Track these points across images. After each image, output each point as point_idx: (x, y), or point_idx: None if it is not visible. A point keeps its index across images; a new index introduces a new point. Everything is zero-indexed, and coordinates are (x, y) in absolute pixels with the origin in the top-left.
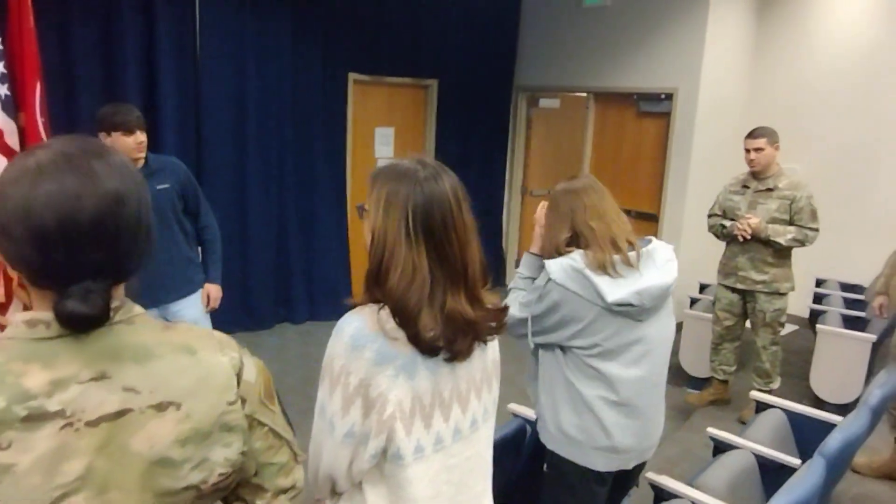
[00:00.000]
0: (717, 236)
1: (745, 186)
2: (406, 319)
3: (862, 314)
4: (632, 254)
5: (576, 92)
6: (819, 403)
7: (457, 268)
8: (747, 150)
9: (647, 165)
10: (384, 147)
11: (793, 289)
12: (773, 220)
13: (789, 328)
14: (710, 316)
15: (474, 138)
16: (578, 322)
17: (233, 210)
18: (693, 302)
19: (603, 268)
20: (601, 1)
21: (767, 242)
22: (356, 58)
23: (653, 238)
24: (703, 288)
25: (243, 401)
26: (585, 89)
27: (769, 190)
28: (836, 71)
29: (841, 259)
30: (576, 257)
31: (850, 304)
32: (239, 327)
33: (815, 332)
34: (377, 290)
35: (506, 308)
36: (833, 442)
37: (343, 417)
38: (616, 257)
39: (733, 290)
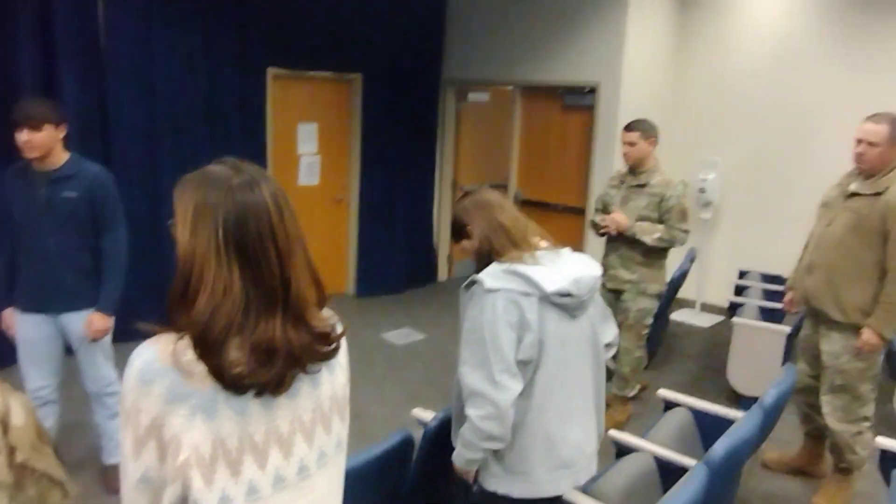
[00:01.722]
0: (595, 231)
1: (622, 181)
2: (209, 350)
3: (780, 306)
4: (548, 248)
5: (503, 85)
6: (736, 397)
7: (275, 287)
8: (623, 143)
9: (574, 160)
10: (307, 143)
11: (661, 290)
12: (642, 218)
13: (714, 319)
14: None
15: (402, 133)
16: (531, 324)
17: (144, 219)
18: None
19: (528, 261)
20: None
21: (636, 241)
22: (275, 52)
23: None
24: None
25: (12, 451)
26: (512, 83)
27: (640, 186)
28: (755, 66)
29: (763, 250)
30: (496, 264)
31: (769, 295)
32: None
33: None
34: (182, 315)
35: (338, 329)
36: (719, 448)
37: (135, 460)
38: (538, 252)
39: (607, 289)
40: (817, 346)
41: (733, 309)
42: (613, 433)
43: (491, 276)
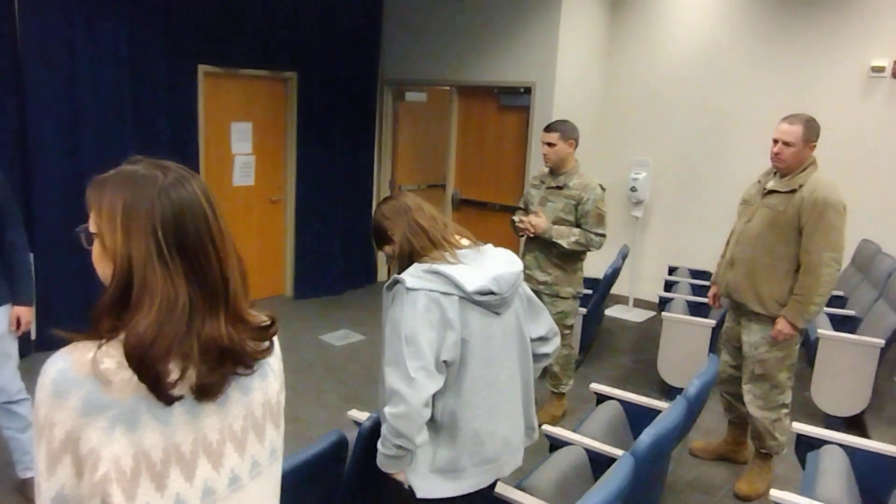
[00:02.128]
0: (514, 232)
1: (542, 182)
2: (151, 361)
3: (706, 300)
4: (470, 246)
5: (440, 85)
6: (667, 388)
7: (217, 286)
8: (542, 144)
9: (510, 159)
10: (242, 143)
11: (576, 292)
12: (559, 221)
13: (646, 314)
14: None
15: (339, 132)
16: (453, 323)
17: (66, 224)
18: None
19: (450, 260)
20: None
21: (553, 243)
22: (207, 49)
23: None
24: None
25: None
26: (449, 83)
27: (559, 188)
28: (682, 69)
29: (692, 247)
30: (417, 265)
31: (697, 290)
32: None
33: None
34: (109, 321)
35: (274, 323)
36: (644, 438)
37: (49, 478)
38: (458, 251)
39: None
40: (739, 338)
41: (663, 304)
42: (547, 428)
43: (412, 275)
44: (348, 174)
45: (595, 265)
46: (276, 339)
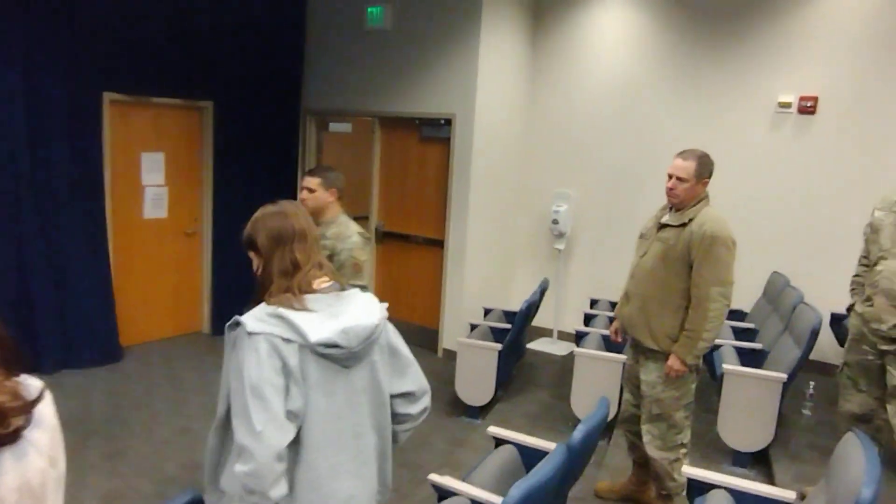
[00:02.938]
0: None
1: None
2: None
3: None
4: (329, 290)
5: (362, 116)
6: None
7: None
8: (300, 188)
9: (432, 191)
10: (153, 174)
11: None
12: None
13: (569, 347)
14: (487, 344)
15: (260, 163)
16: (293, 372)
17: None
18: (473, 327)
19: (296, 306)
20: (381, 24)
21: None
22: (113, 76)
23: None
24: (486, 313)
25: None
26: (372, 114)
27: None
28: (601, 102)
29: (613, 279)
30: (263, 306)
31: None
32: None
33: None
34: None
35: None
36: (514, 492)
37: None
38: (311, 296)
39: None
40: (638, 376)
41: (580, 338)
42: (433, 477)
43: (255, 317)
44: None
45: (518, 299)
46: (48, 409)
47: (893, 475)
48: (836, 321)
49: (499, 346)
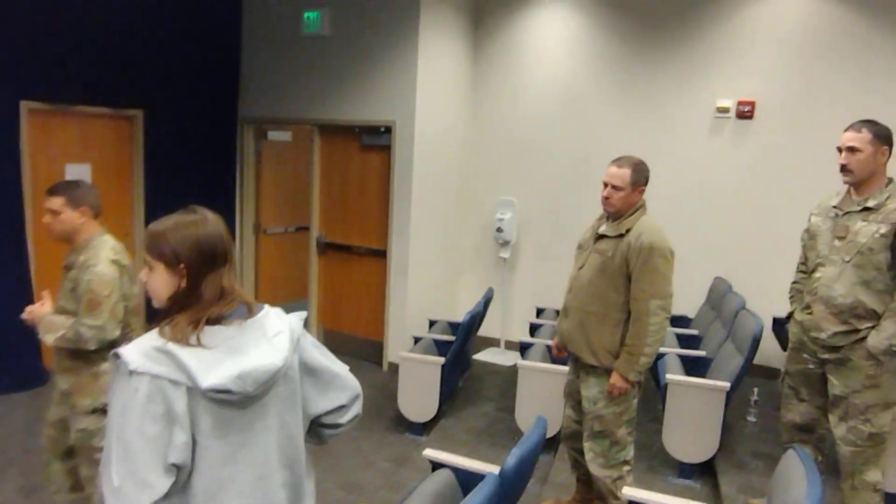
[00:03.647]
0: None
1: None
2: None
3: None
4: (232, 319)
5: (301, 124)
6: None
7: None
8: None
9: (374, 201)
10: None
11: (98, 404)
12: (61, 309)
13: (517, 357)
14: (429, 358)
15: (195, 174)
16: (179, 419)
17: None
18: (416, 340)
19: (191, 341)
20: (319, 29)
21: None
22: (31, 83)
23: (266, 305)
24: (431, 324)
25: None
26: (311, 121)
27: (66, 268)
28: (543, 108)
29: (559, 287)
30: (153, 335)
31: None
32: None
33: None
34: None
35: None
36: None
37: None
38: (212, 327)
39: None
40: (579, 391)
41: (525, 349)
42: None
43: (139, 352)
44: None
45: (464, 309)
46: None
47: (835, 483)
48: (778, 325)
49: (442, 360)
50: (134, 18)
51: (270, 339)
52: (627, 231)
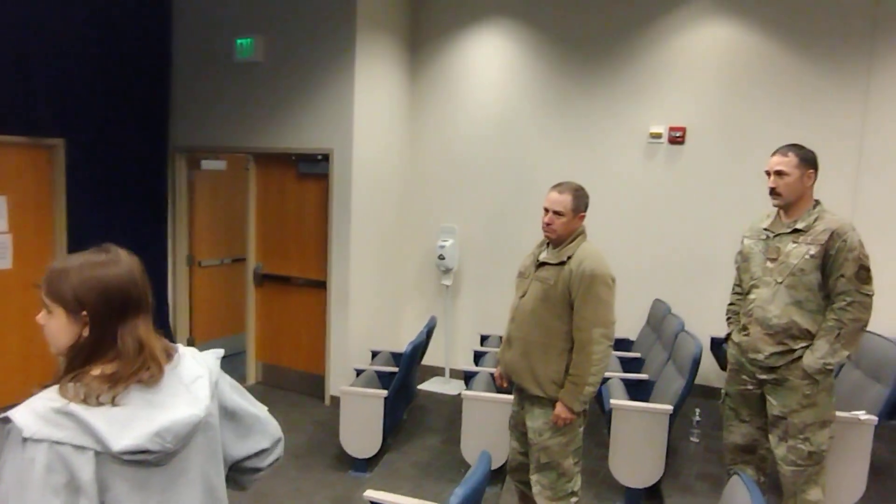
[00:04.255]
0: None
1: None
2: None
3: None
4: (150, 379)
5: (237, 152)
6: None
7: None
8: None
9: (313, 230)
10: None
11: None
12: None
13: (462, 386)
14: (372, 391)
15: (123, 205)
16: (86, 489)
17: None
18: (358, 373)
19: (101, 399)
20: (252, 56)
21: None
22: None
23: (180, 346)
24: (374, 355)
25: None
26: (246, 150)
27: None
28: (481, 135)
29: (503, 313)
30: (51, 394)
31: None
32: None
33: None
34: None
35: None
36: None
37: None
38: (126, 386)
39: None
40: (524, 423)
41: (469, 378)
42: None
43: (35, 416)
44: (138, 251)
45: (408, 338)
46: None
47: (778, 502)
48: (717, 346)
49: (384, 393)
50: (54, 42)
51: (188, 385)
52: (569, 258)
